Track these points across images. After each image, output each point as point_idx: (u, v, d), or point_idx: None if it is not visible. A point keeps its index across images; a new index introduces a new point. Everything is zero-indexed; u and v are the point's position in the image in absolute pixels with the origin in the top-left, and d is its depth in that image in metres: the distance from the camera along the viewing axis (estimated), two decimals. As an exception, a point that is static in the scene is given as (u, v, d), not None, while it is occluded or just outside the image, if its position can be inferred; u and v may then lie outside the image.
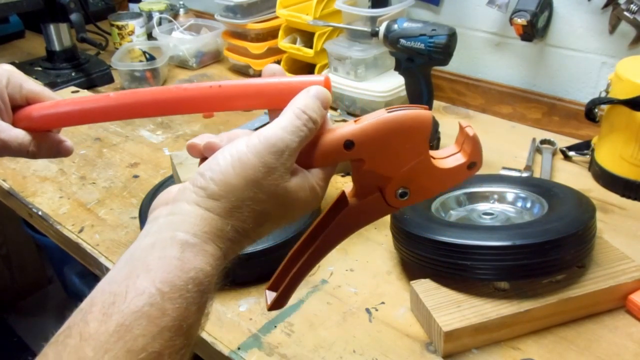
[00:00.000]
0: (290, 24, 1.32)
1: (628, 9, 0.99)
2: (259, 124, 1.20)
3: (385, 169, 0.45)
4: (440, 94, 1.27)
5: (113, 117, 0.53)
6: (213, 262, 0.41)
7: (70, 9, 1.33)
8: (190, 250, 0.39)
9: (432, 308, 0.66)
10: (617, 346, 0.66)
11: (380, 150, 0.44)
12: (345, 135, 0.43)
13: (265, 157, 0.42)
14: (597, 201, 0.85)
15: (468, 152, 0.46)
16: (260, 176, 0.42)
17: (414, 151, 0.44)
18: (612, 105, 0.92)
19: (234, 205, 0.42)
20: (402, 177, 0.45)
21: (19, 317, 2.02)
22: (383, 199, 0.46)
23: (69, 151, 0.60)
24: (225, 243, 0.42)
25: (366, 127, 0.43)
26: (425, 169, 0.45)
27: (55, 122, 0.56)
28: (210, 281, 0.40)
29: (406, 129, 0.43)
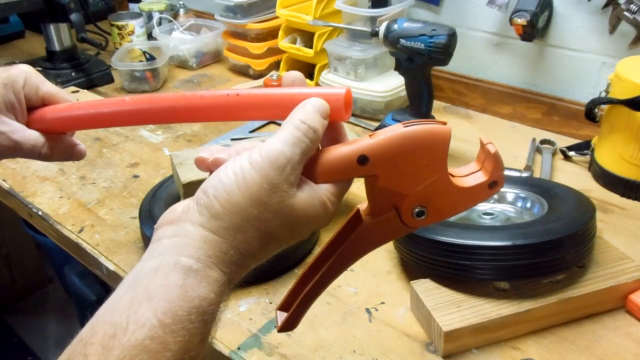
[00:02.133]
0: (290, 24, 1.32)
1: (628, 9, 0.99)
2: (259, 124, 1.20)
3: (401, 186, 0.42)
4: (440, 94, 1.27)
5: (128, 122, 0.52)
6: (217, 288, 0.39)
7: (70, 9, 1.33)
8: (193, 276, 0.38)
9: (432, 308, 0.66)
10: (617, 346, 0.66)
11: (396, 166, 0.42)
12: (359, 150, 0.41)
13: (268, 173, 0.40)
14: (597, 201, 0.85)
15: (489, 171, 0.44)
16: (264, 194, 0.40)
17: (431, 168, 0.42)
18: (612, 105, 0.92)
19: (238, 225, 0.40)
20: (419, 195, 0.43)
21: (19, 317, 2.02)
22: (399, 218, 0.44)
23: (82, 154, 0.60)
24: (230, 267, 0.41)
25: (382, 142, 0.41)
26: (443, 187, 0.43)
27: (69, 125, 0.56)
28: (214, 309, 0.39)
29: (424, 145, 0.41)
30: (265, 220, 0.41)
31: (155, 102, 0.49)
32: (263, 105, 0.46)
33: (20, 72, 0.56)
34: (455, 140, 1.17)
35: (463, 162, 1.04)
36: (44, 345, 1.92)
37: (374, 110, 1.21)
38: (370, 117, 1.21)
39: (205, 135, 1.17)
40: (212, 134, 1.18)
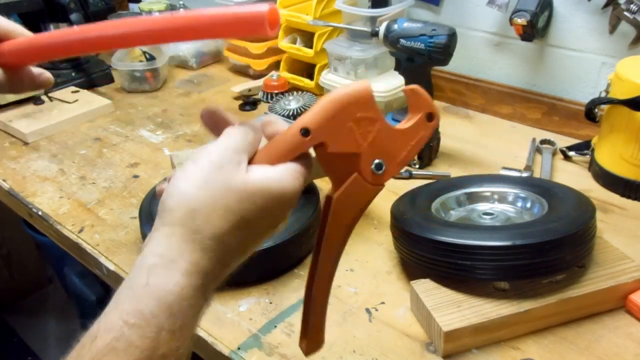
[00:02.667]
0: (290, 24, 1.32)
1: (628, 9, 0.99)
2: (259, 124, 1.20)
3: (349, 145, 0.45)
4: (440, 94, 1.27)
5: (80, 50, 0.53)
6: (183, 280, 0.39)
7: (70, 9, 1.33)
8: (156, 273, 0.39)
9: (432, 308, 0.66)
10: (617, 346, 0.66)
11: (335, 128, 0.44)
12: (299, 125, 0.44)
13: (210, 155, 0.42)
14: (597, 201, 0.85)
15: (419, 106, 0.47)
16: (209, 175, 0.41)
17: (368, 119, 0.45)
18: (612, 105, 0.92)
19: (193, 210, 0.41)
20: (370, 149, 0.45)
21: (19, 317, 2.02)
22: (362, 178, 0.46)
23: (49, 81, 0.59)
24: (198, 254, 0.40)
25: (314, 110, 0.44)
26: (387, 134, 0.45)
27: (28, 57, 0.56)
28: (183, 303, 0.39)
29: (350, 100, 0.44)
30: (219, 197, 0.41)
31: (100, 29, 0.50)
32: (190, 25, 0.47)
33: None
34: (455, 140, 1.18)
35: (463, 162, 1.05)
36: (44, 345, 1.92)
37: (374, 110, 1.21)
38: (370, 117, 1.21)
39: (205, 135, 1.17)
40: (212, 134, 1.18)
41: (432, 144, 1.04)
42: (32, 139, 1.17)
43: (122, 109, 1.30)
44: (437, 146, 1.06)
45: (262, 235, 0.45)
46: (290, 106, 1.23)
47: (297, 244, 0.79)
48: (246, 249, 0.45)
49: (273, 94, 1.31)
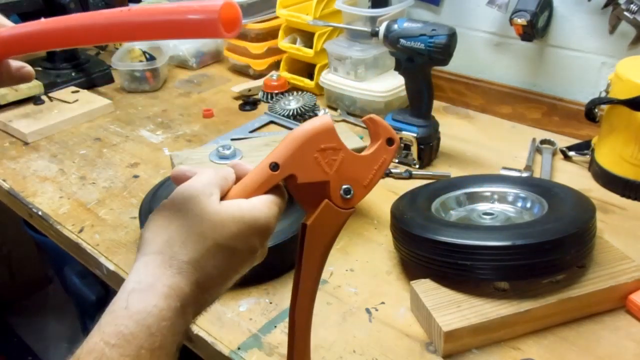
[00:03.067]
0: (290, 24, 1.32)
1: (628, 9, 0.99)
2: (258, 124, 1.20)
3: (316, 174, 0.47)
4: (440, 94, 1.27)
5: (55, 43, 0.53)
6: (161, 303, 0.40)
7: (70, 9, 1.34)
8: (135, 297, 0.40)
9: (432, 308, 0.66)
10: (618, 346, 0.66)
11: (302, 160, 0.47)
12: (267, 160, 0.47)
13: (183, 191, 0.45)
14: (597, 201, 0.85)
15: (379, 133, 0.50)
16: (180, 205, 0.44)
17: (331, 149, 0.48)
18: (612, 105, 0.92)
19: (169, 239, 0.43)
20: (337, 177, 0.48)
21: (19, 317, 2.02)
22: (333, 204, 0.49)
23: (30, 75, 0.58)
24: (174, 279, 0.42)
25: (281, 146, 0.47)
26: (351, 161, 0.48)
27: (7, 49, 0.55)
28: (162, 323, 0.40)
29: (312, 134, 0.47)
30: (193, 225, 0.43)
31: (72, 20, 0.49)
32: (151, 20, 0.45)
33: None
34: (455, 140, 1.18)
35: (463, 162, 1.05)
36: (44, 345, 1.92)
37: (374, 110, 1.21)
38: (370, 117, 1.21)
39: (205, 135, 1.17)
40: (212, 134, 1.18)
41: (432, 144, 1.04)
42: (32, 139, 1.17)
43: (122, 109, 1.30)
44: (437, 146, 1.06)
45: (240, 262, 0.47)
46: (290, 106, 1.23)
47: (297, 244, 0.78)
48: (226, 275, 0.46)
49: (273, 94, 1.31)
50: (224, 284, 0.47)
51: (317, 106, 1.25)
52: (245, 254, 0.47)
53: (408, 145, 1.02)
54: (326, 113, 1.21)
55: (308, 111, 1.22)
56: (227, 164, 0.51)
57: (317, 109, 1.24)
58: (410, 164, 1.03)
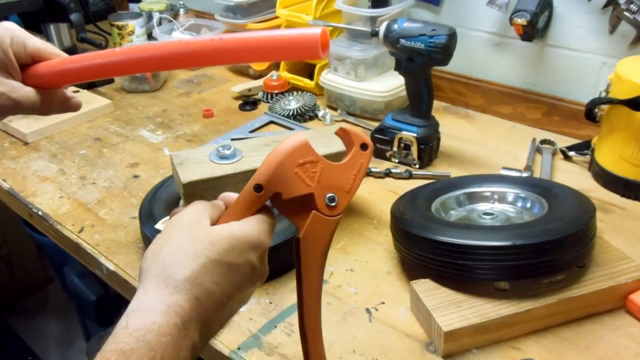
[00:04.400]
0: (290, 24, 1.32)
1: (628, 9, 0.99)
2: (258, 124, 1.20)
3: (299, 189, 0.49)
4: (440, 94, 1.27)
5: (119, 71, 0.56)
6: (160, 319, 0.42)
7: (70, 9, 1.33)
8: (134, 316, 0.42)
9: (432, 308, 0.66)
10: (618, 346, 0.66)
11: (283, 178, 0.49)
12: (251, 184, 0.49)
13: (174, 221, 0.48)
14: (597, 201, 0.85)
15: (352, 140, 0.52)
16: (172, 232, 0.47)
17: (309, 163, 0.50)
18: (612, 105, 0.92)
19: (163, 262, 0.45)
20: (320, 187, 0.50)
21: (19, 317, 2.02)
22: (321, 214, 0.51)
23: (78, 106, 0.62)
24: (171, 297, 0.43)
25: (262, 167, 0.49)
26: (330, 170, 0.51)
27: (63, 79, 0.58)
28: (161, 339, 0.41)
29: (289, 151, 0.49)
30: (186, 246, 0.45)
31: (142, 51, 0.53)
32: (245, 47, 0.52)
33: (4, 30, 0.57)
34: (455, 140, 1.18)
35: (463, 162, 1.05)
36: (44, 345, 1.92)
37: (374, 110, 1.21)
38: (370, 117, 1.21)
39: (205, 135, 1.18)
40: (212, 134, 1.18)
41: (432, 144, 1.04)
42: (32, 139, 1.17)
43: (122, 109, 1.30)
44: (437, 146, 1.06)
45: (239, 277, 0.47)
46: (290, 106, 1.23)
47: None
48: (227, 291, 0.46)
49: (273, 94, 1.31)
50: (227, 301, 0.47)
51: (317, 106, 1.25)
52: (243, 268, 0.47)
53: (408, 145, 1.02)
54: (326, 113, 1.22)
55: (308, 111, 1.22)
56: None
57: (317, 109, 1.24)
58: (410, 164, 1.03)
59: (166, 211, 0.81)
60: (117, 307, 1.46)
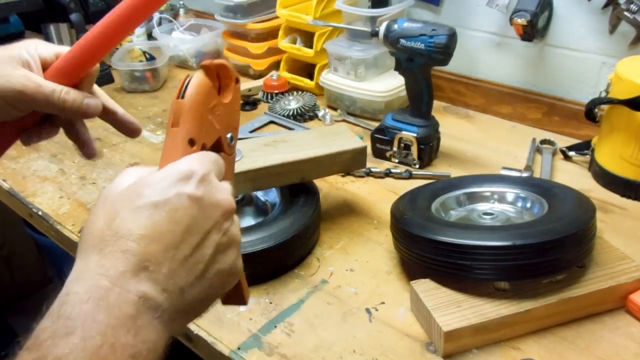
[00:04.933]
0: (290, 24, 1.32)
1: (628, 9, 0.99)
2: (258, 124, 1.20)
3: (214, 135, 0.50)
4: (440, 94, 1.27)
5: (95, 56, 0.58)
6: (74, 287, 0.37)
7: (70, 9, 1.33)
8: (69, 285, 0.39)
9: (432, 308, 0.66)
10: (618, 346, 0.66)
11: (206, 127, 0.49)
12: (183, 138, 0.48)
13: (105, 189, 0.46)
14: (597, 201, 0.85)
15: (231, 75, 0.51)
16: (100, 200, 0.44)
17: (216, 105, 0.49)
18: (612, 105, 0.92)
19: (85, 235, 0.41)
20: (223, 129, 0.50)
21: (19, 317, 2.02)
22: (227, 155, 0.51)
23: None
24: (90, 264, 0.38)
25: (187, 119, 0.47)
26: (225, 109, 0.50)
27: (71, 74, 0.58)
28: (74, 308, 0.36)
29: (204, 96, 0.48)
30: (105, 205, 0.42)
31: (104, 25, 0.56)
32: None
33: (31, 40, 0.59)
34: (455, 140, 1.18)
35: (463, 162, 1.05)
36: (44, 345, 1.91)
37: (374, 110, 1.21)
38: (370, 117, 1.21)
39: (205, 135, 1.17)
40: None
41: (432, 144, 1.04)
42: (32, 139, 1.16)
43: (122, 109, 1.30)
44: (437, 146, 1.06)
45: (180, 216, 0.41)
46: (290, 106, 1.23)
47: (297, 244, 0.79)
48: (172, 232, 0.40)
49: (273, 94, 1.31)
50: (184, 247, 0.40)
51: (317, 106, 1.25)
52: (175, 202, 0.41)
53: (408, 145, 1.02)
54: (326, 113, 1.22)
55: (308, 111, 1.22)
56: None
57: (317, 109, 1.24)
58: (410, 164, 1.03)
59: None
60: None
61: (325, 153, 0.82)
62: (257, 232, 0.76)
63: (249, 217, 0.85)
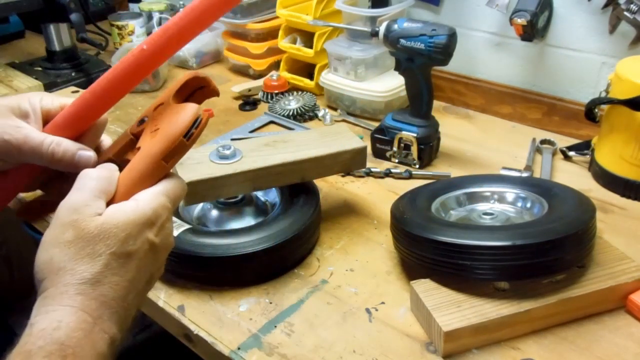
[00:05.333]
0: (290, 24, 1.32)
1: (628, 9, 0.99)
2: (258, 124, 1.20)
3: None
4: (440, 94, 1.27)
5: (99, 109, 0.58)
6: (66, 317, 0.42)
7: (70, 9, 1.33)
8: (36, 320, 0.44)
9: (432, 308, 0.66)
10: (618, 346, 0.66)
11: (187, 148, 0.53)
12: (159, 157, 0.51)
13: (64, 206, 0.48)
14: (597, 201, 0.85)
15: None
16: (59, 226, 0.47)
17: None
18: (612, 105, 0.92)
19: (59, 271, 0.44)
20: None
21: (19, 317, 2.02)
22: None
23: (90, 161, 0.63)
24: (76, 300, 0.43)
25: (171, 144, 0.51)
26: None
27: (72, 128, 0.57)
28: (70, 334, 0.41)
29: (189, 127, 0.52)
30: (77, 245, 0.45)
31: (110, 82, 0.56)
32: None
33: (37, 93, 0.59)
34: (455, 140, 1.18)
35: (463, 162, 1.05)
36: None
37: (374, 110, 1.21)
38: (370, 117, 1.21)
39: (205, 135, 1.17)
40: (212, 134, 1.18)
41: (432, 144, 1.04)
42: (32, 139, 1.16)
43: (122, 109, 1.30)
44: (437, 146, 1.06)
45: (142, 262, 0.48)
46: (290, 106, 1.23)
47: (297, 244, 0.79)
48: (132, 279, 0.47)
49: (273, 94, 1.31)
50: (137, 285, 0.47)
51: (317, 106, 1.25)
52: (142, 249, 0.47)
53: (408, 145, 1.02)
54: (326, 113, 1.22)
55: (308, 111, 1.22)
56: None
57: (317, 109, 1.24)
58: (410, 164, 1.03)
59: (166, 211, 0.81)
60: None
61: (325, 153, 0.82)
62: (257, 232, 0.76)
63: (249, 217, 0.85)
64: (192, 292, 0.76)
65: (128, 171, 0.51)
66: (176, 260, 0.74)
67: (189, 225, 0.78)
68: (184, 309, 0.73)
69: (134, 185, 0.49)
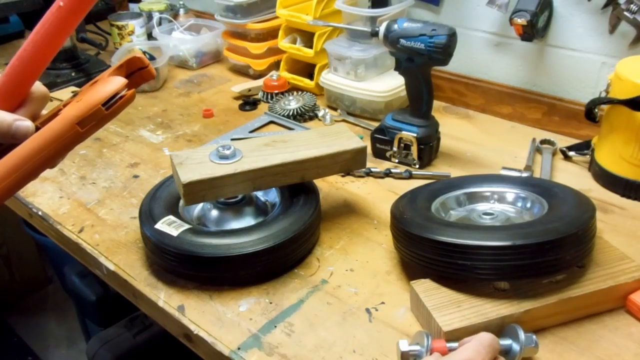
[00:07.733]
0: (290, 24, 1.32)
1: (628, 9, 0.99)
2: (258, 124, 1.20)
3: None
4: (440, 94, 1.27)
5: (30, 75, 0.57)
6: None
7: (70, 9, 1.33)
8: None
9: (432, 308, 0.66)
10: (618, 346, 0.66)
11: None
12: (73, 121, 0.52)
13: None
14: (597, 201, 0.85)
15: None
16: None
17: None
18: (612, 105, 0.92)
19: None
20: None
21: (19, 317, 2.02)
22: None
23: None
24: None
25: (89, 109, 0.53)
26: None
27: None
28: None
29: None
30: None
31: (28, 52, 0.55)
32: None
33: None
34: (455, 140, 1.18)
35: (463, 162, 1.05)
36: (44, 345, 1.92)
37: (374, 110, 1.21)
38: (370, 117, 1.21)
39: (205, 135, 1.18)
40: (212, 134, 1.18)
41: (432, 144, 1.04)
42: (32, 139, 1.16)
43: (122, 109, 1.30)
44: (437, 146, 1.06)
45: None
46: (290, 106, 1.23)
47: (297, 244, 0.79)
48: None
49: (273, 94, 1.31)
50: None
51: (317, 106, 1.25)
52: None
53: (408, 145, 1.02)
54: (326, 113, 1.22)
55: (308, 111, 1.22)
56: None
57: (317, 109, 1.24)
58: (410, 164, 1.03)
59: (166, 211, 0.81)
60: (117, 307, 1.46)
61: (325, 153, 0.82)
62: (257, 232, 0.76)
63: (249, 217, 0.85)
64: (192, 292, 0.76)
65: (44, 130, 0.52)
66: (176, 260, 0.74)
67: (189, 225, 0.78)
68: (184, 309, 0.73)
69: (46, 144, 0.51)
